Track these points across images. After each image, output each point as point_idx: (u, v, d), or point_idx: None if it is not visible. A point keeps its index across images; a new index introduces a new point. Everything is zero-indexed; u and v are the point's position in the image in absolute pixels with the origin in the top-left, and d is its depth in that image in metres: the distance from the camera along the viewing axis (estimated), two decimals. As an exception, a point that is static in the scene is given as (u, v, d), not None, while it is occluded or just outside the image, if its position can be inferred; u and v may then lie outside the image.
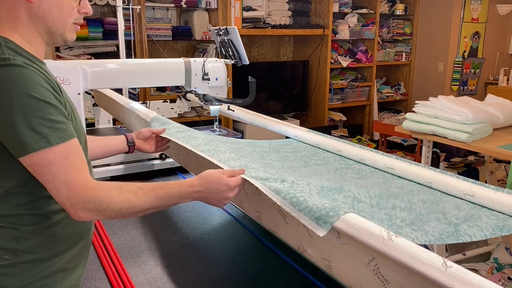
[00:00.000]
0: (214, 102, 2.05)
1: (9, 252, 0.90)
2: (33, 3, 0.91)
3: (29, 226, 0.91)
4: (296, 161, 1.42)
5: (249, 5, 4.34)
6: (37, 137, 0.83)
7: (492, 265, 2.70)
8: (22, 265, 0.91)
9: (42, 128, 0.84)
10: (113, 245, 1.38)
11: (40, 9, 0.92)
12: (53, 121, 0.85)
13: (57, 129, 0.86)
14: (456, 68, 5.36)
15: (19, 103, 0.82)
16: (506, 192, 1.06)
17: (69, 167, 0.86)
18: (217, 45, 2.09)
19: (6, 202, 0.89)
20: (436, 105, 2.73)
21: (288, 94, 4.94)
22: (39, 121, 0.84)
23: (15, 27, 0.91)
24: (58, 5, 0.94)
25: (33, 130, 0.83)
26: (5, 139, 0.85)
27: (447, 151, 4.45)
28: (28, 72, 0.85)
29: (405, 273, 0.70)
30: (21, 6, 0.91)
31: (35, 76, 0.86)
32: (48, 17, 0.93)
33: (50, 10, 0.93)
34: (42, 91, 0.85)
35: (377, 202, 1.03)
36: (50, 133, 0.84)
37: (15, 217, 0.90)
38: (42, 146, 0.84)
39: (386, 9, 5.30)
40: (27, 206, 0.90)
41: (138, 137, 1.44)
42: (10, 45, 0.89)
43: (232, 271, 1.27)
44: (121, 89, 3.13)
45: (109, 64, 2.00)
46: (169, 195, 0.98)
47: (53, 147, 0.85)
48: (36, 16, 0.92)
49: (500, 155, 2.51)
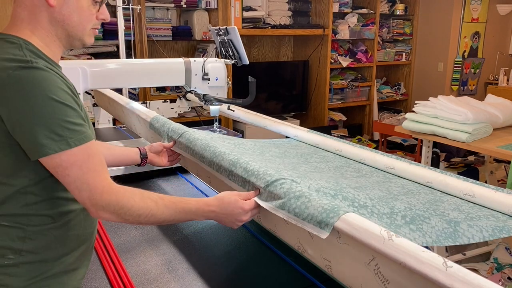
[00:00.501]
0: (214, 102, 2.05)
1: (14, 252, 0.90)
2: (54, 7, 0.93)
3: (35, 226, 0.91)
4: (297, 157, 1.42)
5: (249, 5, 4.34)
6: (57, 138, 0.85)
7: (492, 265, 2.70)
8: (26, 265, 0.91)
9: (63, 130, 0.85)
10: (113, 245, 1.38)
11: (61, 14, 0.94)
12: (73, 124, 0.87)
13: (76, 132, 0.87)
14: (456, 68, 5.36)
15: (40, 105, 0.84)
16: (506, 192, 1.06)
17: (90, 169, 0.88)
18: (217, 45, 2.09)
19: (15, 201, 0.89)
20: (436, 105, 2.73)
21: (288, 94, 4.94)
22: (60, 123, 0.85)
23: (34, 30, 0.93)
24: (78, 10, 0.96)
25: (53, 132, 0.84)
26: (23, 139, 0.86)
27: (447, 151, 4.45)
28: (49, 75, 0.87)
29: (405, 273, 0.69)
30: (43, 10, 0.93)
31: (55, 79, 0.87)
32: (68, 22, 0.95)
33: (71, 15, 0.95)
34: (62, 94, 0.87)
35: (377, 204, 1.03)
36: (70, 135, 0.86)
37: (22, 217, 0.90)
38: (62, 148, 0.85)
39: (386, 9, 5.30)
40: (35, 206, 0.91)
41: (151, 151, 1.49)
42: (30, 47, 0.90)
43: (232, 271, 1.27)
44: (121, 89, 3.13)
45: (109, 64, 2.00)
46: (186, 211, 1.01)
47: (73, 149, 0.86)
48: (56, 20, 0.94)
49: (500, 155, 2.51)
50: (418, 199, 1.09)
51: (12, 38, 0.90)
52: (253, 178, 1.06)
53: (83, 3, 0.96)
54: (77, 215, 0.97)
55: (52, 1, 0.91)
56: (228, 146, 1.36)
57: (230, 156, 1.18)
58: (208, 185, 1.53)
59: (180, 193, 1.83)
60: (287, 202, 0.93)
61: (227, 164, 1.16)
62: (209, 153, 1.25)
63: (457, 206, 1.07)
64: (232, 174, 1.13)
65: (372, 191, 1.10)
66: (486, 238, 0.93)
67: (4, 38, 0.90)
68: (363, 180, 1.22)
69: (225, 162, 1.16)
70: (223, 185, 1.23)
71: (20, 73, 0.84)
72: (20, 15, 0.93)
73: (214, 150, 1.24)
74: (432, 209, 1.03)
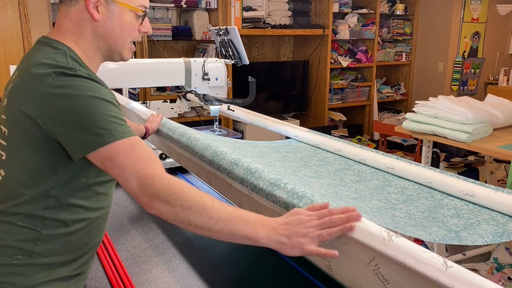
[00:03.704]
0: (214, 102, 2.05)
1: (24, 253, 0.91)
2: (98, 22, 0.95)
3: (49, 230, 0.92)
4: (296, 161, 1.42)
5: (249, 5, 4.34)
6: (102, 132, 0.85)
7: (492, 265, 2.70)
8: (33, 267, 0.92)
9: (106, 124, 0.86)
10: (113, 245, 1.38)
11: (104, 28, 0.97)
12: (117, 118, 0.88)
13: (120, 125, 0.88)
14: (456, 68, 5.35)
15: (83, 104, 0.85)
16: (506, 192, 1.06)
17: (137, 156, 0.86)
18: (217, 45, 2.09)
19: (37, 202, 0.91)
20: (436, 105, 2.72)
21: (288, 94, 4.94)
22: (104, 117, 0.86)
23: (78, 41, 0.96)
24: (121, 25, 0.98)
25: (98, 127, 0.85)
26: (67, 139, 0.87)
27: (447, 151, 4.45)
28: (91, 82, 0.89)
29: (405, 273, 0.70)
30: (87, 24, 0.95)
31: (96, 85, 0.89)
32: (111, 36, 0.98)
33: (114, 30, 0.97)
34: (106, 93, 0.89)
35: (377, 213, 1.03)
36: (115, 128, 0.86)
37: (39, 219, 0.91)
38: (107, 141, 0.85)
39: (386, 9, 5.30)
40: (54, 210, 0.92)
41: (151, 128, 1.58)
42: (73, 55, 0.93)
43: (232, 271, 1.27)
44: (121, 89, 3.13)
45: (109, 64, 2.00)
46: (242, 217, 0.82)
47: (118, 141, 0.86)
48: (99, 34, 0.97)
49: (500, 155, 2.51)
50: (417, 207, 1.09)
51: (57, 44, 0.93)
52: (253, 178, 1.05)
53: (126, 18, 0.98)
54: (90, 223, 0.98)
55: (97, 15, 0.94)
56: (229, 146, 1.36)
57: (231, 156, 1.18)
58: (208, 185, 1.53)
59: (180, 193, 1.83)
60: (290, 202, 0.93)
61: (228, 163, 1.15)
62: (209, 152, 1.25)
63: (456, 212, 1.06)
64: (232, 174, 1.13)
65: (371, 202, 1.10)
66: (488, 242, 0.94)
67: (49, 43, 0.93)
68: (363, 186, 1.22)
69: (226, 162, 1.16)
70: (223, 185, 1.23)
71: (64, 78, 0.86)
72: (65, 25, 0.96)
73: (215, 150, 1.24)
74: (432, 217, 1.03)
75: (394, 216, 1.02)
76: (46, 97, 0.85)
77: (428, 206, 1.10)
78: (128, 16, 0.98)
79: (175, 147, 1.47)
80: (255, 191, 1.03)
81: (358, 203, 1.07)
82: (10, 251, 0.90)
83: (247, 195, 1.09)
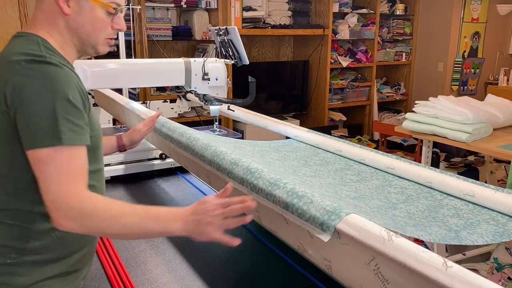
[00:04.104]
0: (214, 102, 2.05)
1: (17, 251, 0.90)
2: (69, 16, 0.96)
3: (39, 225, 0.92)
4: (297, 160, 1.42)
5: (249, 5, 4.34)
6: (51, 133, 0.85)
7: (492, 265, 2.70)
8: (28, 265, 0.91)
9: (59, 126, 0.85)
10: (113, 245, 1.38)
11: (75, 22, 0.97)
12: (69, 121, 0.87)
13: (73, 132, 0.87)
14: (456, 68, 5.35)
15: (45, 98, 0.85)
16: (506, 192, 1.06)
17: (67, 172, 0.86)
18: (217, 45, 2.09)
19: (22, 197, 0.90)
20: (436, 105, 2.72)
21: (288, 94, 4.94)
22: (57, 118, 0.85)
23: (51, 33, 0.96)
24: (92, 20, 0.98)
25: (50, 127, 0.85)
26: (22, 129, 0.86)
27: (447, 151, 4.45)
28: (61, 70, 0.89)
29: (405, 273, 0.69)
30: (59, 17, 0.96)
31: (66, 75, 0.89)
32: (82, 31, 0.98)
33: (84, 25, 0.98)
34: (71, 91, 0.88)
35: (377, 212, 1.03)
36: (65, 132, 0.86)
37: (27, 214, 0.91)
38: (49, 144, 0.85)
39: (386, 9, 5.30)
40: (41, 204, 0.90)
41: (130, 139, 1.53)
42: (47, 44, 0.93)
43: (232, 271, 1.27)
44: (121, 89, 3.13)
45: (109, 64, 2.00)
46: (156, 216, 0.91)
47: (60, 147, 0.85)
48: (71, 28, 0.97)
49: (500, 155, 2.51)
50: (417, 207, 1.09)
51: (31, 36, 0.94)
52: (253, 178, 1.05)
53: (97, 13, 0.98)
54: None
55: (67, 9, 0.95)
56: (229, 146, 1.36)
57: (231, 156, 1.18)
58: (208, 185, 1.53)
59: (180, 193, 1.83)
60: (290, 202, 0.93)
61: (228, 163, 1.15)
62: (209, 152, 1.25)
63: (456, 211, 1.06)
64: (232, 173, 1.13)
65: (371, 201, 1.10)
66: (488, 242, 0.94)
67: (25, 36, 0.95)
68: (363, 185, 1.22)
69: (226, 162, 1.16)
70: (223, 185, 1.22)
71: (33, 66, 0.87)
72: (39, 18, 0.97)
73: (215, 150, 1.24)
74: (432, 217, 1.03)
75: (394, 216, 1.02)
76: (11, 86, 0.85)
77: (428, 206, 1.10)
78: (99, 12, 0.98)
79: (175, 147, 1.47)
80: (255, 191, 1.03)
81: (358, 202, 1.07)
82: (2, 250, 0.90)
83: (247, 195, 1.09)
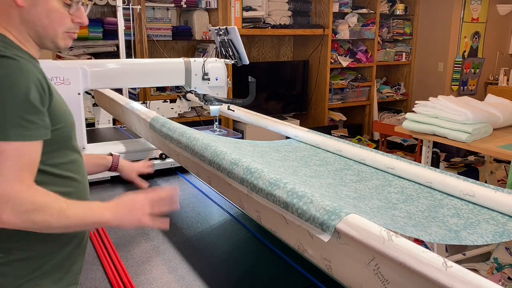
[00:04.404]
0: (214, 102, 2.05)
1: (3, 250, 0.90)
2: (23, 8, 0.92)
3: None
4: (297, 160, 1.42)
5: (249, 5, 4.34)
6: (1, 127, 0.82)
7: (492, 265, 2.70)
8: (16, 263, 0.91)
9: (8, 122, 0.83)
10: (113, 245, 1.38)
11: (30, 15, 0.93)
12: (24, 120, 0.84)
13: (23, 128, 0.84)
14: (456, 68, 5.36)
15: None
16: (506, 192, 1.06)
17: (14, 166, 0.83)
18: (217, 45, 2.09)
19: None
20: (436, 105, 2.73)
21: (288, 94, 4.94)
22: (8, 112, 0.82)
23: (7, 27, 0.93)
24: (48, 13, 0.94)
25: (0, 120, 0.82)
26: None
27: (447, 151, 4.45)
28: (16, 64, 0.86)
29: (405, 273, 0.69)
30: (14, 10, 0.92)
31: (21, 70, 0.86)
32: (38, 23, 0.94)
33: (39, 17, 0.94)
34: (25, 86, 0.85)
35: (377, 213, 1.03)
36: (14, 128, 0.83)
37: None
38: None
39: (386, 9, 5.30)
40: None
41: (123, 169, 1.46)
42: (4, 39, 0.90)
43: (232, 271, 1.27)
44: (121, 89, 3.13)
45: (109, 64, 2.00)
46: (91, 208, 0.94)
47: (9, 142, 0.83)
48: (26, 21, 0.94)
49: (500, 155, 2.51)
50: (417, 207, 1.09)
51: None
52: (253, 178, 1.05)
53: (53, 5, 0.94)
54: None
55: (20, 1, 0.91)
56: (229, 146, 1.36)
57: (231, 156, 1.18)
58: (208, 185, 1.53)
59: (180, 193, 1.83)
60: (290, 202, 0.92)
61: (228, 163, 1.15)
62: (209, 152, 1.25)
63: (456, 211, 1.06)
64: (232, 173, 1.13)
65: (371, 201, 1.10)
66: (488, 242, 0.94)
67: None
68: (363, 186, 1.22)
69: (226, 162, 1.16)
70: (223, 185, 1.23)
71: None
72: None
73: (215, 150, 1.24)
74: (432, 217, 1.03)
75: (394, 215, 1.02)
76: None
77: (428, 206, 1.10)
78: (54, 3, 0.94)
79: (175, 147, 1.47)
80: (255, 191, 1.03)
81: (358, 202, 1.07)
82: None
83: (247, 195, 1.09)
